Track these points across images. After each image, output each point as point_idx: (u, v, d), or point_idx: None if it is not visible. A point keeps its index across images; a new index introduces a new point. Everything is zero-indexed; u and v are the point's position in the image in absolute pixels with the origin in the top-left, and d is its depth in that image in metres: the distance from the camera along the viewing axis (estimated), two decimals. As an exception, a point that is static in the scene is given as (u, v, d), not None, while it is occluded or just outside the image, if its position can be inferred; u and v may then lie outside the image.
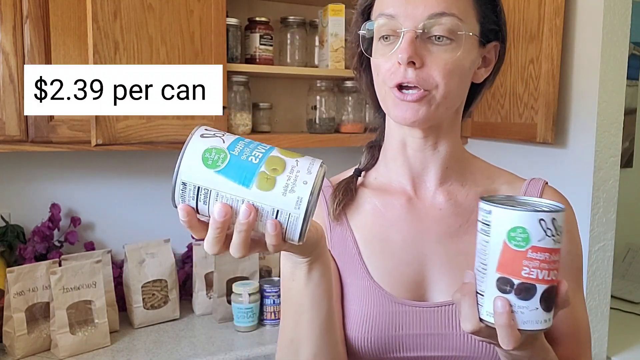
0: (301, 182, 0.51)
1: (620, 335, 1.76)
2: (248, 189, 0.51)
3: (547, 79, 1.62)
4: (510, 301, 0.57)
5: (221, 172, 0.51)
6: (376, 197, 0.84)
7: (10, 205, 1.79)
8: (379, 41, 0.76)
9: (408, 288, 0.79)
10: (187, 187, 0.51)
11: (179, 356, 1.54)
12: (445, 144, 0.80)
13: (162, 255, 1.80)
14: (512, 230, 0.55)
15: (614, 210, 1.63)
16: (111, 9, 1.44)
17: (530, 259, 0.55)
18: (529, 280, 0.56)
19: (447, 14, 0.71)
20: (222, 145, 0.51)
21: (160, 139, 1.57)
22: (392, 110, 0.75)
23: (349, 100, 2.02)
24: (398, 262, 0.79)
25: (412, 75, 0.71)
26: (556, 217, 0.56)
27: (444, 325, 0.77)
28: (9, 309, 1.50)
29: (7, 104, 1.48)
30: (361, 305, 0.79)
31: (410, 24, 0.71)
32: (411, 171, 0.82)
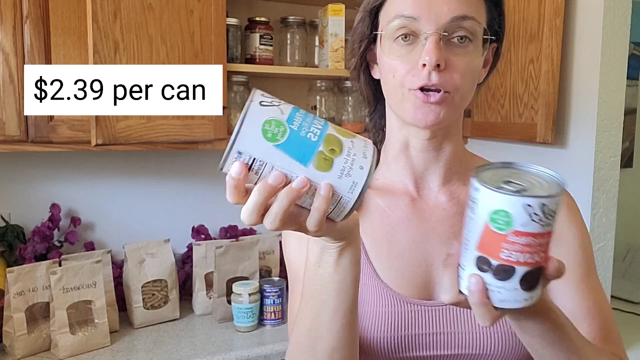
0: (358, 166, 0.51)
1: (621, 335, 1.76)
2: (305, 167, 0.50)
3: (547, 79, 1.62)
4: (487, 280, 0.55)
5: (280, 147, 0.49)
6: (379, 197, 0.84)
7: (10, 205, 1.79)
8: (394, 41, 0.75)
9: (416, 288, 0.79)
10: (242, 155, 0.49)
11: (179, 356, 1.54)
12: (449, 145, 0.80)
13: (162, 255, 1.80)
14: (494, 213, 0.52)
15: (614, 210, 1.63)
16: (111, 9, 1.43)
17: (510, 243, 0.53)
18: (508, 263, 0.53)
19: (469, 17, 0.72)
20: (282, 117, 0.50)
21: (160, 139, 1.57)
22: (411, 112, 0.74)
23: (349, 100, 2.02)
24: (405, 262, 0.79)
25: (436, 78, 0.71)
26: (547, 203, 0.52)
27: (453, 323, 0.77)
28: (9, 309, 1.50)
29: (7, 104, 1.48)
30: (370, 306, 0.78)
31: (433, 26, 0.71)
32: (414, 172, 0.82)
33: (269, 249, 1.98)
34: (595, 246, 1.61)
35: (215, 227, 2.06)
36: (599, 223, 1.61)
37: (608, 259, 1.63)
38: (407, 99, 0.74)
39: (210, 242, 1.88)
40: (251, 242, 1.85)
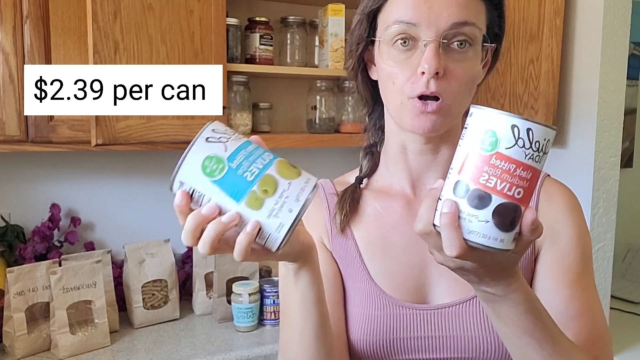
0: (287, 209, 0.55)
1: (620, 335, 1.76)
2: (238, 203, 0.55)
3: (547, 79, 1.62)
4: (461, 206, 0.53)
5: (216, 183, 0.55)
6: (377, 200, 0.84)
7: (10, 205, 1.79)
8: (392, 46, 0.74)
9: (409, 291, 0.79)
10: (184, 185, 0.56)
11: (179, 356, 1.54)
12: (447, 148, 0.80)
13: (162, 255, 1.80)
14: (483, 133, 0.52)
15: (614, 210, 1.63)
16: (111, 9, 1.44)
17: (492, 166, 0.52)
18: (485, 188, 0.52)
19: (469, 23, 0.71)
20: (223, 155, 0.55)
21: (160, 139, 1.57)
22: (409, 120, 0.74)
23: (349, 100, 2.02)
24: (399, 265, 0.79)
25: (435, 86, 0.70)
26: (533, 129, 0.51)
27: (445, 327, 0.76)
28: (9, 309, 1.50)
29: (7, 104, 1.48)
30: (363, 308, 0.79)
31: (433, 32, 0.70)
32: (411, 175, 0.82)
33: (269, 249, 1.98)
34: (595, 246, 1.61)
35: (215, 227, 2.06)
36: (599, 223, 1.61)
37: (608, 259, 1.64)
38: (405, 107, 0.74)
39: (210, 242, 1.88)
40: (251, 242, 1.85)
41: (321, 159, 2.19)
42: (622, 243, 2.29)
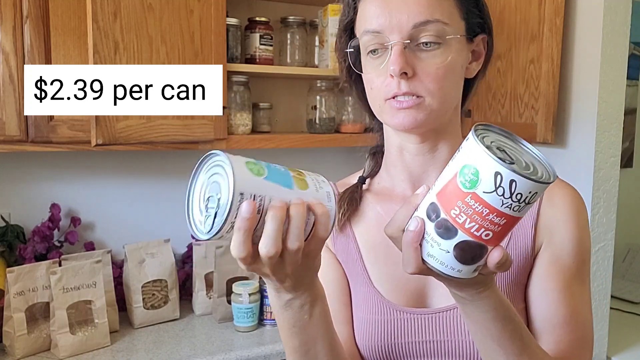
0: (321, 180, 0.57)
1: (620, 335, 1.76)
2: (292, 190, 0.54)
3: (547, 79, 1.62)
4: (427, 228, 0.54)
5: (268, 179, 0.53)
6: (378, 203, 0.84)
7: (10, 205, 1.79)
8: (367, 56, 0.76)
9: (410, 295, 0.79)
10: (244, 196, 0.51)
11: (179, 356, 1.54)
12: (445, 146, 0.80)
13: (162, 255, 1.80)
14: (466, 167, 0.51)
15: (614, 210, 1.63)
16: (111, 9, 1.43)
17: (466, 203, 0.51)
18: (453, 222, 0.52)
19: (431, 20, 0.71)
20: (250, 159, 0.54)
21: (160, 139, 1.57)
22: (390, 120, 0.75)
23: (349, 100, 2.02)
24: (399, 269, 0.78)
25: (405, 86, 0.71)
26: (517, 182, 0.49)
27: (444, 331, 0.76)
28: (9, 309, 1.50)
29: (7, 104, 1.48)
30: (363, 312, 0.79)
31: (397, 36, 0.71)
32: (411, 176, 0.82)
33: (269, 249, 1.98)
34: (595, 246, 1.61)
35: (215, 227, 2.06)
36: (599, 223, 1.61)
37: (608, 259, 1.64)
38: (384, 109, 0.75)
39: (210, 242, 1.89)
40: (251, 242, 1.85)
41: (321, 159, 2.19)
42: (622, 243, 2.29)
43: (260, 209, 0.52)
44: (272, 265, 0.54)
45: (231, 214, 0.50)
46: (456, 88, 0.77)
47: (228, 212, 0.50)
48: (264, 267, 0.55)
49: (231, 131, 1.79)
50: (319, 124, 1.97)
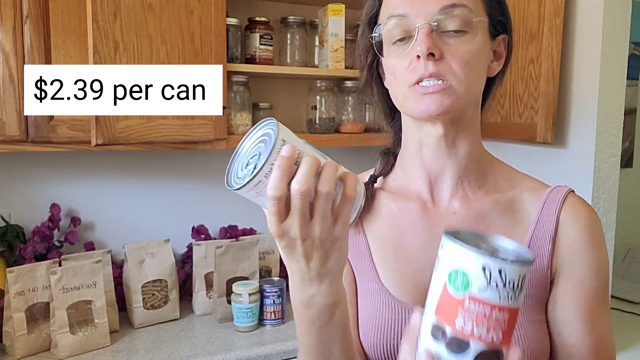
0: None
1: (620, 335, 1.76)
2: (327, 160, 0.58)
3: (547, 79, 1.62)
4: (441, 353, 0.51)
5: (307, 144, 0.57)
6: (393, 201, 0.83)
7: (10, 205, 1.79)
8: (392, 45, 0.75)
9: (418, 294, 0.76)
10: (285, 143, 0.54)
11: (179, 356, 1.54)
12: (464, 143, 0.78)
13: (162, 255, 1.80)
14: (453, 271, 0.50)
15: (614, 210, 1.63)
16: (111, 9, 1.44)
17: (466, 309, 0.50)
18: (462, 336, 0.50)
19: (459, 5, 0.71)
20: None
21: (160, 139, 1.57)
22: (414, 107, 0.73)
23: (349, 100, 2.02)
24: (410, 267, 0.78)
25: (433, 67, 0.70)
26: (505, 269, 0.48)
27: None
28: (9, 309, 1.50)
29: (7, 104, 1.48)
30: (370, 310, 0.78)
31: (423, 19, 0.71)
32: (428, 173, 0.80)
33: (269, 249, 1.98)
34: (595, 246, 1.61)
35: (215, 227, 2.06)
36: (599, 223, 1.60)
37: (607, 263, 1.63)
38: (407, 97, 0.74)
39: (210, 242, 1.89)
40: (251, 242, 1.85)
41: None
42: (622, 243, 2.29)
43: (298, 161, 0.54)
44: (302, 215, 0.55)
45: (272, 155, 0.52)
46: (480, 80, 0.76)
47: (269, 154, 0.52)
48: (293, 224, 0.55)
49: (231, 131, 1.79)
50: (318, 124, 1.97)
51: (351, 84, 2.01)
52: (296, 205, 0.54)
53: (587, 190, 1.59)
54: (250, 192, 0.54)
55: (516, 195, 0.80)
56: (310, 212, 0.56)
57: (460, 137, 0.78)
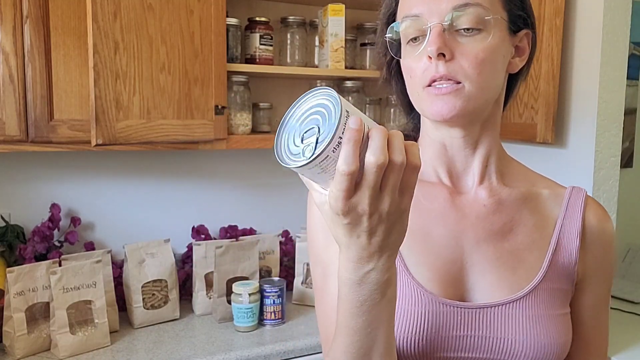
0: None
1: (620, 335, 1.76)
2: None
3: (547, 79, 1.62)
4: None
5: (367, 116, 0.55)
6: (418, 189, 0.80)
7: (10, 205, 1.79)
8: (407, 44, 0.75)
9: (448, 286, 0.76)
10: (350, 114, 0.52)
11: (179, 356, 1.54)
12: (486, 140, 0.79)
13: (162, 255, 1.80)
14: None
15: (614, 210, 1.63)
16: (111, 9, 1.43)
17: None
18: None
19: (471, 3, 0.71)
20: None
21: (160, 139, 1.57)
22: (428, 108, 0.73)
23: (349, 100, 2.02)
24: (439, 259, 0.77)
25: (443, 69, 0.70)
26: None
27: (487, 327, 0.74)
28: (9, 309, 1.50)
29: (7, 104, 1.48)
30: (400, 302, 0.74)
31: (436, 18, 0.71)
32: (452, 170, 0.80)
33: (269, 249, 1.98)
34: (595, 246, 1.61)
35: (215, 227, 2.06)
36: (599, 223, 1.60)
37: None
38: (422, 98, 0.74)
39: (210, 242, 1.89)
40: (251, 242, 1.85)
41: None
42: (622, 243, 2.29)
43: (365, 134, 0.52)
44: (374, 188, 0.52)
45: (339, 129, 0.50)
46: (496, 78, 0.75)
47: (336, 127, 0.49)
48: (363, 199, 0.53)
49: (231, 131, 1.79)
50: (319, 124, 1.97)
51: (351, 84, 2.01)
52: (370, 179, 0.52)
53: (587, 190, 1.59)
54: (313, 169, 0.51)
55: (537, 191, 0.83)
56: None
57: (483, 136, 0.78)
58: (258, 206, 2.14)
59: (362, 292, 0.60)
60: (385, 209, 0.54)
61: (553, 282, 0.77)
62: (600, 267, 0.81)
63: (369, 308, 0.61)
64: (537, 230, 0.79)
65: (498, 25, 0.73)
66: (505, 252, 0.77)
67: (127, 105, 1.48)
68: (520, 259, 0.77)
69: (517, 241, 0.78)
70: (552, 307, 0.76)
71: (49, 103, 1.53)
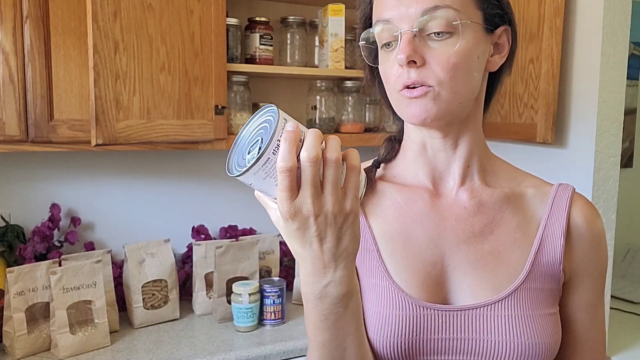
0: None
1: (620, 335, 1.76)
2: None
3: (547, 79, 1.62)
4: None
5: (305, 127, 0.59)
6: (397, 191, 0.81)
7: (10, 205, 1.79)
8: (382, 49, 0.75)
9: (430, 289, 0.76)
10: (287, 120, 0.56)
11: (179, 356, 1.54)
12: (467, 140, 0.78)
13: (162, 255, 1.80)
14: None
15: (614, 210, 1.63)
16: (111, 9, 1.44)
17: None
18: None
19: (441, 6, 0.70)
20: None
21: (160, 139, 1.57)
22: (403, 112, 0.74)
23: (349, 100, 2.02)
24: (420, 261, 0.77)
25: (415, 75, 0.70)
26: None
27: (470, 330, 0.74)
28: (9, 309, 1.50)
29: (7, 104, 1.48)
30: (380, 307, 0.75)
31: (406, 24, 0.70)
32: (433, 172, 0.80)
33: (269, 249, 1.98)
34: (595, 246, 1.61)
35: (215, 227, 2.06)
36: (599, 223, 1.60)
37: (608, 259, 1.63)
38: (397, 101, 0.74)
39: (210, 242, 1.89)
40: (251, 242, 1.85)
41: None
42: (622, 243, 2.29)
43: (302, 137, 0.55)
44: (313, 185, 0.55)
45: (277, 132, 0.54)
46: (471, 80, 0.74)
47: (274, 131, 0.54)
48: (305, 200, 0.55)
49: (231, 131, 1.79)
50: (318, 124, 1.97)
51: (351, 84, 2.01)
52: (307, 175, 0.54)
53: (587, 190, 1.59)
54: (257, 174, 0.54)
55: (522, 191, 0.82)
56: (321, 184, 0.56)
57: (462, 136, 0.78)
58: (258, 206, 2.12)
59: (323, 306, 0.62)
60: (329, 209, 0.56)
61: (537, 282, 0.76)
62: (590, 265, 0.80)
63: (334, 322, 0.63)
64: (519, 230, 0.79)
65: (470, 27, 0.72)
66: (486, 254, 0.77)
67: (127, 105, 1.48)
68: (502, 259, 0.77)
69: (498, 242, 0.78)
70: (537, 307, 0.75)
71: (49, 103, 1.53)
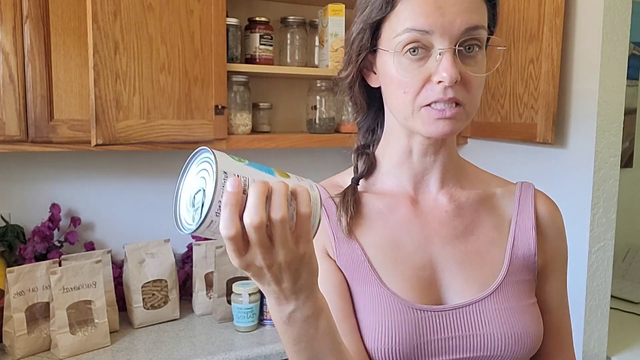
0: (304, 178, 0.58)
1: (620, 335, 1.76)
2: (274, 177, 0.55)
3: (547, 79, 1.62)
4: None
5: (250, 165, 0.55)
6: (378, 200, 0.82)
7: (10, 205, 1.79)
8: (402, 55, 0.71)
9: (423, 293, 0.77)
10: (227, 175, 0.51)
11: (179, 356, 1.54)
12: (446, 148, 0.81)
13: (162, 255, 1.80)
14: None
15: (614, 210, 1.63)
16: (111, 9, 1.44)
17: None
18: None
19: (480, 26, 0.71)
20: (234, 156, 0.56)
21: (160, 139, 1.58)
22: (422, 127, 0.73)
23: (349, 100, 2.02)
24: (410, 266, 0.78)
25: (452, 93, 0.70)
26: None
27: (465, 327, 0.76)
28: (9, 309, 1.50)
29: (7, 104, 1.48)
30: (377, 315, 0.75)
31: (447, 40, 0.69)
32: (415, 176, 0.82)
33: (269, 249, 1.98)
34: (595, 246, 1.61)
35: (215, 227, 2.06)
36: (599, 223, 1.60)
37: (608, 259, 1.63)
38: (418, 115, 0.73)
39: (210, 242, 1.89)
40: (251, 242, 1.85)
41: (321, 159, 2.19)
42: (622, 243, 2.29)
43: (245, 189, 0.52)
44: (262, 246, 0.52)
45: (217, 192, 0.50)
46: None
47: (214, 192, 0.50)
48: (256, 256, 0.53)
49: (231, 131, 1.79)
50: (318, 124, 1.97)
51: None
52: (253, 238, 0.52)
53: (587, 190, 1.59)
54: (205, 233, 0.53)
55: (492, 191, 0.86)
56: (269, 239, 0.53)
57: (443, 144, 0.80)
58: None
59: (293, 330, 0.61)
60: (282, 260, 0.54)
61: (516, 274, 0.80)
62: (557, 254, 0.86)
63: (307, 344, 0.62)
64: (495, 229, 0.83)
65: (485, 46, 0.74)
66: (470, 253, 0.80)
67: (127, 105, 1.48)
68: (484, 257, 0.80)
69: (478, 242, 0.81)
70: (520, 298, 0.79)
71: (49, 103, 1.53)
